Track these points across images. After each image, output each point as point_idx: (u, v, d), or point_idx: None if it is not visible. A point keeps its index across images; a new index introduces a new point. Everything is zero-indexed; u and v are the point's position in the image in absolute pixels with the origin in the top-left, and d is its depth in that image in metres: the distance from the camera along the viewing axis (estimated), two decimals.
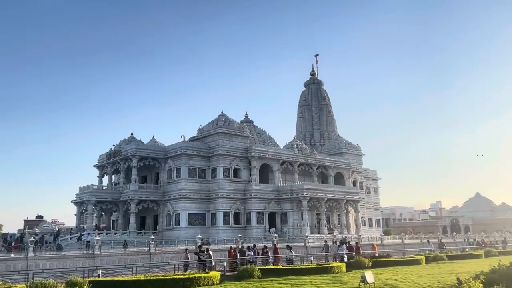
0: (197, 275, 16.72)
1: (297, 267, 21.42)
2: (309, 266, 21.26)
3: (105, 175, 55.33)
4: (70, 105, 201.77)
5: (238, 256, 24.34)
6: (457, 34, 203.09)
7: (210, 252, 23.73)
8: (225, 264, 21.43)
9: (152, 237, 31.29)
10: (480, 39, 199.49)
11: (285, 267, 21.18)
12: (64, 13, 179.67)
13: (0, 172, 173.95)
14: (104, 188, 51.65)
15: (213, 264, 22.51)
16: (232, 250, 25.20)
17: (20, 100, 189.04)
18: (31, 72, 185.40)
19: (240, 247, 27.22)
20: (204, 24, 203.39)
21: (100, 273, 17.60)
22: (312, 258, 26.65)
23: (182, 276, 16.60)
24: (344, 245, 28.80)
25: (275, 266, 21.90)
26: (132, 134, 54.48)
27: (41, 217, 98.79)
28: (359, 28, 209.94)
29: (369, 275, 15.64)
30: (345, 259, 25.52)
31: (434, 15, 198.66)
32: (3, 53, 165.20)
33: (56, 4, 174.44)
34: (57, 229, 50.52)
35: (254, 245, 26.33)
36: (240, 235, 34.52)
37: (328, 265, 21.36)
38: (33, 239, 27.22)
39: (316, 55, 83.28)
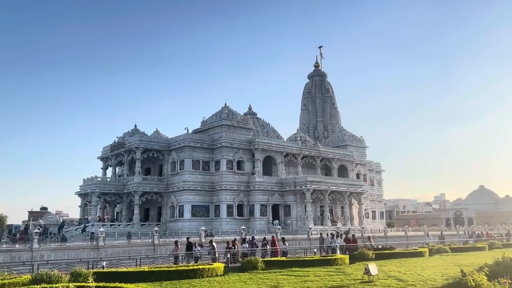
0: (201, 267, 16.75)
1: (300, 259, 21.39)
2: (312, 258, 21.25)
3: (109, 167, 55.47)
4: (74, 98, 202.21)
5: (237, 247, 24.32)
6: (459, 26, 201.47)
7: (214, 244, 23.78)
8: (228, 256, 21.48)
9: (156, 228, 31.37)
10: (488, 27, 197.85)
11: (288, 259, 21.18)
12: (71, 11, 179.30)
13: (5, 164, 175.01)
14: (108, 180, 51.79)
15: (216, 255, 22.56)
16: (230, 242, 25.09)
17: (24, 92, 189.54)
18: (36, 67, 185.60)
19: (242, 239, 27.27)
20: (207, 17, 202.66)
21: (104, 264, 17.68)
22: (315, 250, 26.69)
23: (186, 268, 16.65)
24: (338, 238, 28.81)
25: (279, 258, 21.91)
26: (135, 126, 54.58)
27: (46, 208, 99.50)
28: (362, 20, 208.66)
29: (373, 267, 15.65)
30: (338, 251, 25.65)
31: (436, 8, 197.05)
32: (10, 46, 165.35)
33: (62, 4, 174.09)
34: (61, 220, 50.87)
35: (253, 237, 26.32)
36: (243, 227, 34.59)
37: (331, 257, 21.35)
38: (38, 231, 27.35)
39: (320, 47, 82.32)
